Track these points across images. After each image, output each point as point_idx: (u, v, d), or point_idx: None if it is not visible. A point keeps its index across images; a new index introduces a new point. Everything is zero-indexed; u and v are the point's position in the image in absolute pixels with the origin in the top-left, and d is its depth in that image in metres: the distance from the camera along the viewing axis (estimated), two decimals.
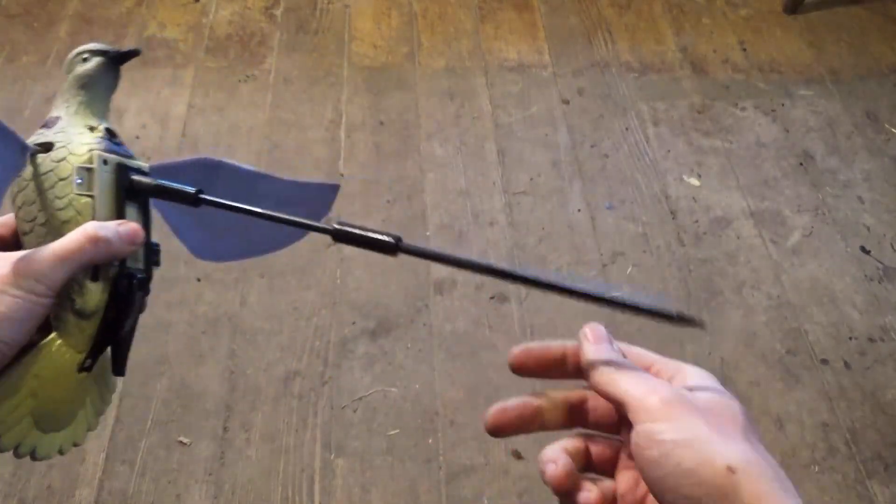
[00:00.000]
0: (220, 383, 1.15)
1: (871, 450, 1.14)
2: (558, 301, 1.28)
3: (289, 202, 0.39)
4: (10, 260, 0.35)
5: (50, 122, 0.41)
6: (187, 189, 0.40)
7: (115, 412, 1.11)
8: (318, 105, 1.57)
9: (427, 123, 1.55)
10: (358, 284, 1.29)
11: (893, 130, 1.60)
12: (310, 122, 1.54)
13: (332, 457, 1.09)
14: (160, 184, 0.40)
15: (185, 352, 1.18)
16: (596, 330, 0.36)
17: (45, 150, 0.39)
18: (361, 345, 1.21)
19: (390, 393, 1.16)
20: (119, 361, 0.41)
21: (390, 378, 1.18)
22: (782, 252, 1.38)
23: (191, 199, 0.39)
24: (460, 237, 1.36)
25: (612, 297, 0.34)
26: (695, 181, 1.49)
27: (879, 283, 1.34)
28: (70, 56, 0.42)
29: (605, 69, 1.70)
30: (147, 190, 0.40)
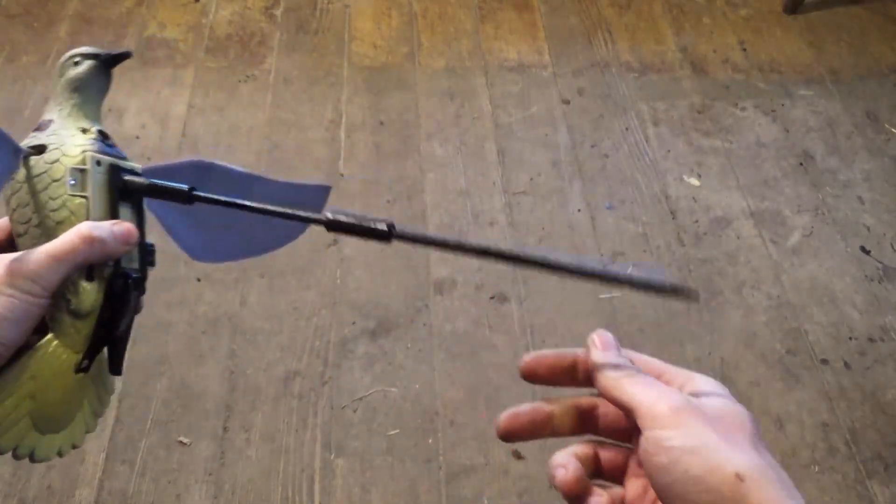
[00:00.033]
0: (220, 383, 1.15)
1: (871, 450, 1.14)
2: (558, 301, 1.28)
3: (281, 204, 0.39)
4: (4, 261, 0.35)
5: (43, 125, 0.41)
6: (180, 187, 0.40)
7: (115, 412, 1.11)
8: (318, 105, 1.57)
9: (427, 123, 1.55)
10: (358, 284, 1.29)
11: (893, 130, 1.60)
12: (310, 122, 1.54)
13: (332, 457, 1.09)
14: (153, 183, 0.40)
15: (185, 352, 1.18)
16: (604, 337, 0.36)
17: (37, 152, 0.39)
18: (361, 345, 1.21)
19: (390, 393, 1.16)
20: (115, 361, 0.41)
21: (390, 378, 1.18)
22: (782, 252, 1.38)
23: (184, 197, 0.40)
24: (461, 236, 1.36)
25: (607, 272, 0.35)
26: (695, 181, 1.49)
27: (879, 283, 1.34)
28: (61, 60, 0.43)
29: (605, 69, 1.70)
30: (140, 189, 0.40)
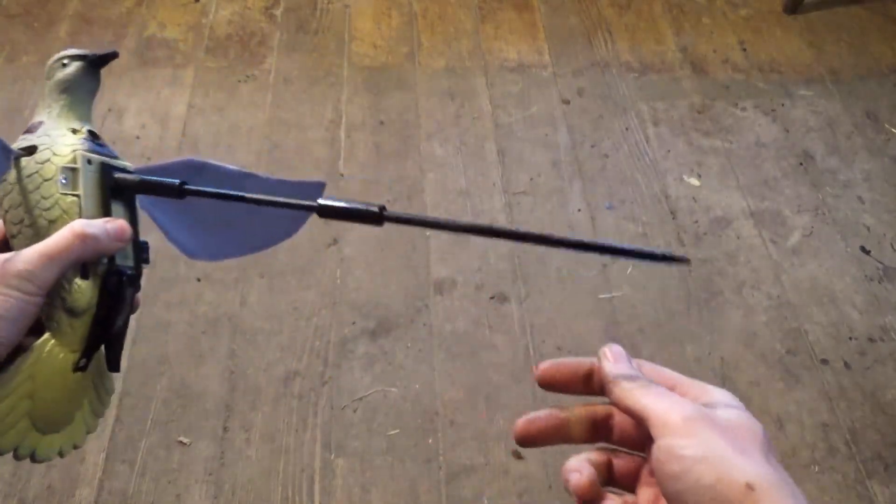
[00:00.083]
0: (220, 383, 1.15)
1: (871, 450, 1.14)
2: (558, 301, 1.28)
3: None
4: None
5: (33, 127, 0.41)
6: (171, 181, 0.40)
7: (115, 412, 1.11)
8: (318, 105, 1.57)
9: (427, 123, 1.55)
10: (358, 284, 1.29)
11: (893, 130, 1.60)
12: (310, 122, 1.54)
13: (332, 457, 1.09)
14: (145, 179, 0.40)
15: (185, 352, 1.18)
16: (615, 350, 0.37)
17: (28, 153, 0.39)
18: (361, 345, 1.21)
19: (390, 393, 1.16)
20: (113, 358, 0.41)
21: (390, 378, 1.18)
22: (782, 252, 1.38)
23: (175, 191, 0.40)
24: (461, 237, 1.36)
25: (601, 244, 0.37)
26: (695, 181, 1.49)
27: (879, 283, 1.34)
28: (50, 62, 0.43)
29: (605, 69, 1.70)
30: (132, 186, 0.41)
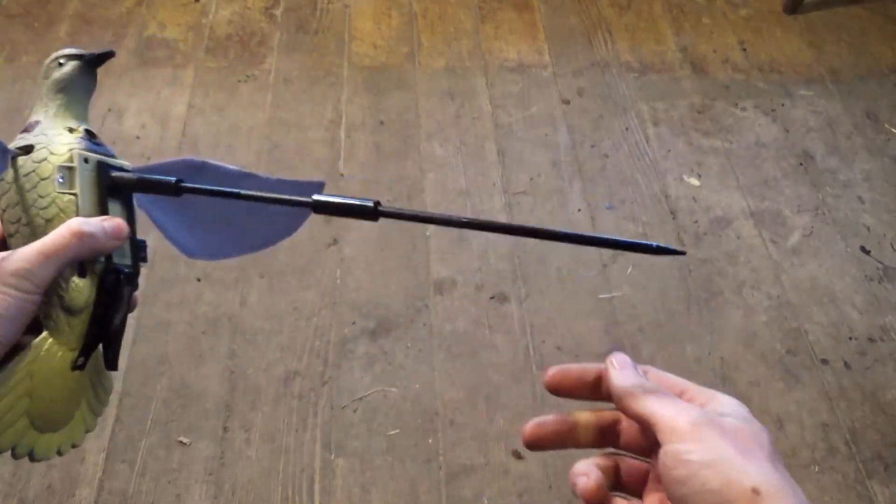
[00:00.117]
0: (220, 383, 1.15)
1: (871, 450, 1.14)
2: (558, 301, 1.28)
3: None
4: None
5: (30, 126, 0.41)
6: (167, 179, 0.40)
7: (115, 412, 1.11)
8: (318, 105, 1.57)
9: (427, 123, 1.55)
10: (358, 284, 1.29)
11: (893, 130, 1.60)
12: (310, 122, 1.54)
13: (332, 457, 1.09)
14: (141, 177, 0.41)
15: (185, 352, 1.18)
16: (620, 358, 0.37)
17: (25, 152, 0.39)
18: (361, 345, 1.21)
19: (390, 393, 1.16)
20: (111, 357, 0.41)
21: (390, 378, 1.18)
22: (782, 252, 1.38)
23: (172, 189, 0.40)
24: (461, 237, 1.36)
25: (596, 236, 0.38)
26: (695, 181, 1.49)
27: (879, 283, 1.34)
28: (46, 62, 0.43)
29: (605, 69, 1.70)
30: (129, 185, 0.41)
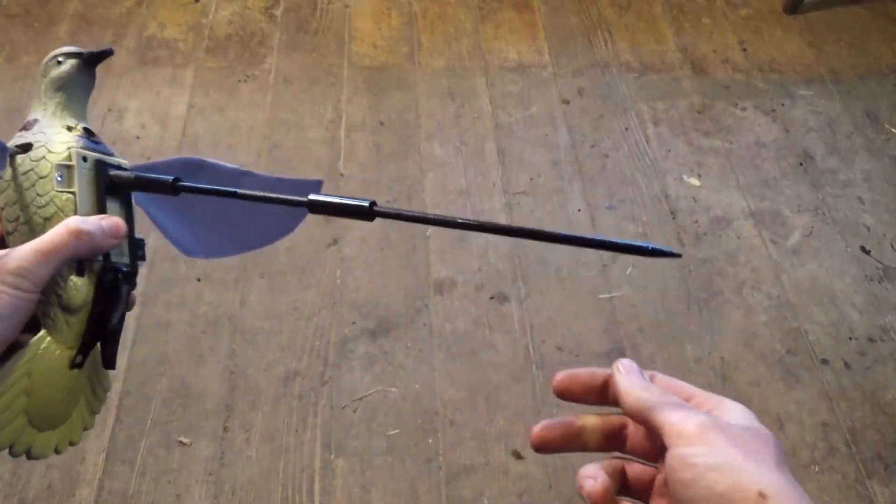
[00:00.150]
0: (220, 383, 1.15)
1: (871, 450, 1.14)
2: (558, 301, 1.28)
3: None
4: None
5: (28, 124, 0.41)
6: (165, 178, 0.40)
7: (115, 412, 1.11)
8: (318, 105, 1.57)
9: (427, 123, 1.55)
10: (358, 284, 1.29)
11: (893, 130, 1.60)
12: (310, 122, 1.54)
13: (332, 457, 1.09)
14: (139, 176, 0.41)
15: (185, 352, 1.18)
16: (627, 363, 0.38)
17: (23, 150, 0.39)
18: (361, 345, 1.21)
19: (390, 393, 1.16)
20: (109, 355, 0.41)
21: (390, 378, 1.18)
22: (782, 252, 1.38)
23: (169, 188, 0.40)
24: (461, 237, 1.36)
25: (593, 238, 0.38)
26: (695, 181, 1.49)
27: (879, 283, 1.34)
28: (44, 60, 0.43)
29: (605, 69, 1.70)
30: (127, 183, 0.41)
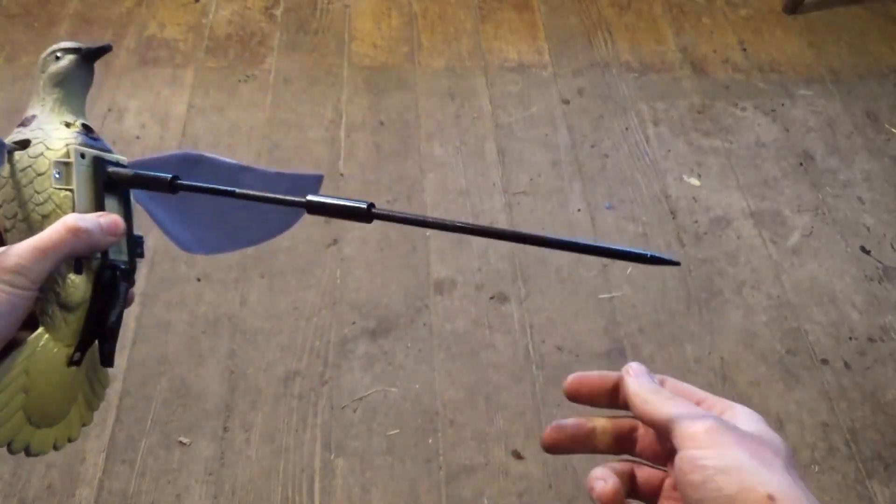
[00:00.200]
0: (220, 383, 1.15)
1: (871, 450, 1.14)
2: (558, 301, 1.28)
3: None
4: None
5: (26, 120, 0.41)
6: (163, 176, 0.40)
7: (114, 412, 1.11)
8: (318, 105, 1.57)
9: (427, 123, 1.55)
10: (358, 284, 1.29)
11: (893, 130, 1.60)
12: (310, 122, 1.54)
13: (332, 457, 1.09)
14: (138, 173, 0.40)
15: (185, 352, 1.18)
16: (635, 367, 0.38)
17: (21, 147, 0.39)
18: (361, 345, 1.21)
19: (390, 393, 1.16)
20: (107, 353, 0.41)
21: (390, 378, 1.18)
22: (782, 252, 1.38)
23: (167, 186, 0.40)
24: (461, 237, 1.36)
25: (592, 245, 0.37)
26: (695, 181, 1.49)
27: (879, 283, 1.34)
28: (43, 55, 0.43)
29: (605, 69, 1.70)
30: (125, 181, 0.41)
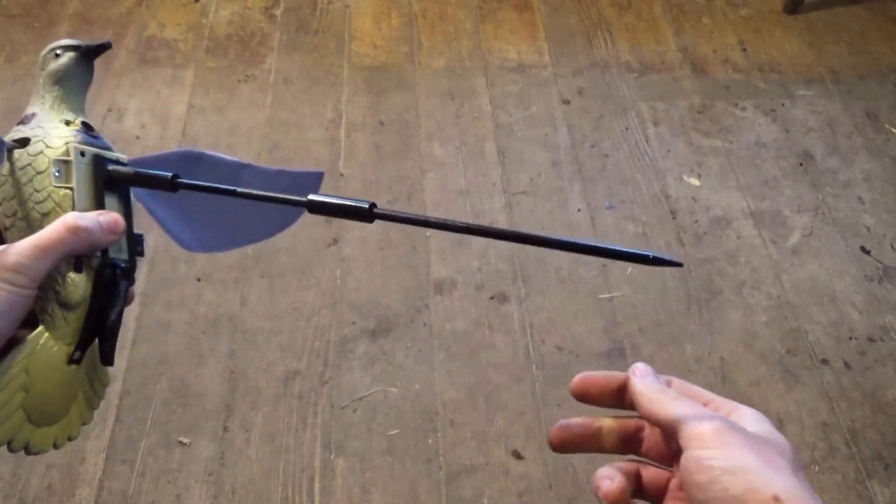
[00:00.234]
0: (220, 383, 1.15)
1: (871, 450, 1.14)
2: (558, 301, 1.28)
3: (272, 191, 0.39)
4: None
5: (26, 118, 0.41)
6: (164, 174, 0.40)
7: (114, 412, 1.11)
8: (318, 105, 1.57)
9: (427, 123, 1.55)
10: (358, 284, 1.29)
11: (893, 130, 1.60)
12: (310, 122, 1.54)
13: (332, 457, 1.09)
14: (138, 172, 0.40)
15: (185, 352, 1.18)
16: (641, 367, 0.39)
17: (21, 145, 0.39)
18: (361, 345, 1.21)
19: (390, 393, 1.16)
20: (107, 352, 0.41)
21: (390, 378, 1.18)
22: (782, 252, 1.38)
23: (167, 184, 0.40)
24: (461, 237, 1.36)
25: (592, 245, 0.37)
26: (695, 181, 1.49)
27: (879, 283, 1.34)
28: (43, 53, 0.43)
29: (605, 69, 1.70)
30: (125, 179, 0.40)
